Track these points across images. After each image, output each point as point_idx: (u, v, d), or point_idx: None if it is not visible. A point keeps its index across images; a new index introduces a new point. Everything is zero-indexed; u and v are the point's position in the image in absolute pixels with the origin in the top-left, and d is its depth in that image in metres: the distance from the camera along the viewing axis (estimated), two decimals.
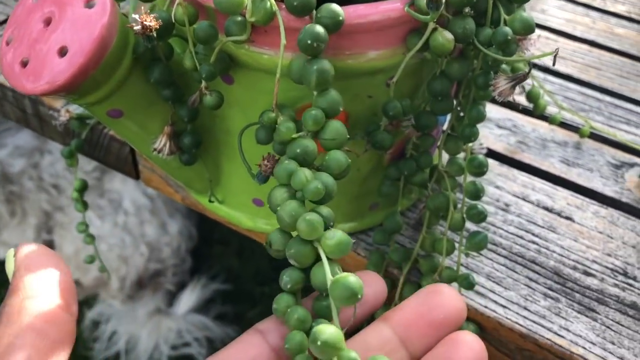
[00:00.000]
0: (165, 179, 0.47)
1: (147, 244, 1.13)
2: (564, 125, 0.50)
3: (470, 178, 0.37)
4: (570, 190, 0.45)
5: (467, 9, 0.31)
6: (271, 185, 0.31)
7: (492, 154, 0.48)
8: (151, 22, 0.27)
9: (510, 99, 0.32)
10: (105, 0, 0.29)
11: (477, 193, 0.36)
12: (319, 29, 0.28)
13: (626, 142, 0.48)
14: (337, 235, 0.25)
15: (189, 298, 1.13)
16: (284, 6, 0.29)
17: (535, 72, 0.53)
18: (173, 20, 0.30)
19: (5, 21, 0.56)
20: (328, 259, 0.25)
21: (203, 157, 0.37)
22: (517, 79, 0.31)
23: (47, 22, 0.30)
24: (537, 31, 0.60)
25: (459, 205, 0.37)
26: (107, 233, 1.07)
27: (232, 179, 0.39)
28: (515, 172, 0.46)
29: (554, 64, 0.28)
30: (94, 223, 1.04)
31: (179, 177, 0.39)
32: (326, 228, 0.26)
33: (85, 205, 0.51)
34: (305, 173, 0.27)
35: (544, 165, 0.47)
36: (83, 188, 0.50)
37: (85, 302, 1.15)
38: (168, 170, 0.38)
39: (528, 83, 0.49)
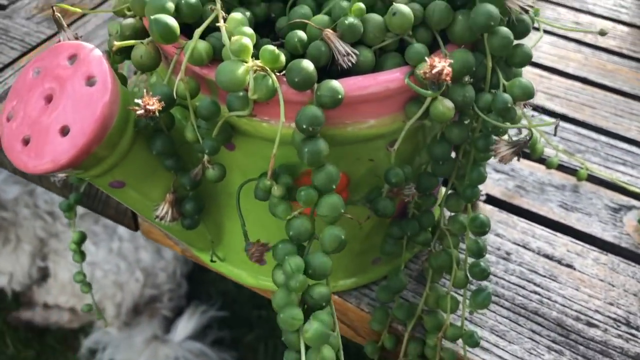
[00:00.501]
0: (165, 232, 0.47)
1: (142, 269, 1.12)
2: (561, 167, 0.51)
3: (472, 235, 0.37)
4: (570, 236, 0.46)
5: (466, 77, 0.31)
6: (271, 236, 0.32)
7: (490, 199, 0.48)
8: (154, 105, 0.27)
9: None
10: (106, 77, 0.29)
11: (480, 252, 0.36)
12: (316, 111, 0.28)
13: (623, 184, 0.48)
14: (313, 327, 0.28)
15: (185, 325, 1.13)
16: (285, 79, 0.29)
17: (531, 113, 0.53)
18: (175, 96, 0.30)
19: (1, 70, 0.56)
20: (308, 347, 0.28)
21: (205, 218, 0.37)
22: (518, 145, 0.31)
23: (48, 99, 0.30)
24: (530, 69, 0.60)
25: (462, 260, 0.38)
26: (102, 259, 1.07)
27: (234, 238, 0.39)
28: (515, 219, 0.46)
29: (555, 134, 0.28)
30: (89, 249, 1.04)
31: (180, 237, 0.39)
32: (320, 308, 0.29)
33: (83, 256, 0.51)
34: (291, 264, 0.29)
35: (543, 211, 0.47)
36: (81, 240, 0.50)
37: (82, 329, 1.15)
38: (169, 231, 0.38)
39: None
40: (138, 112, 0.27)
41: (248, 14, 0.31)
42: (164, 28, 0.29)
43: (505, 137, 0.34)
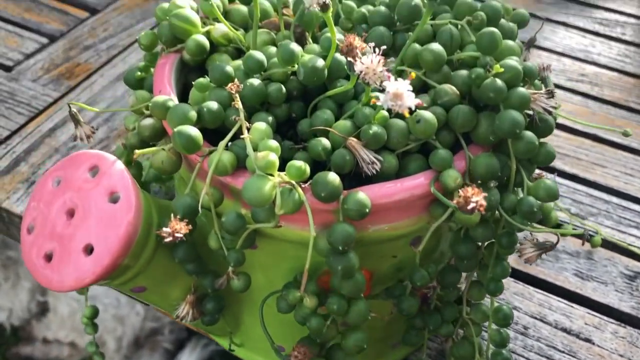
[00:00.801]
0: None
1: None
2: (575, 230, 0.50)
3: (495, 324, 0.37)
4: (587, 307, 0.45)
5: (492, 182, 0.31)
6: (291, 332, 0.32)
7: None
8: (181, 230, 0.26)
9: None
10: (129, 194, 0.29)
11: (503, 342, 0.36)
12: (348, 229, 0.28)
13: (637, 249, 0.48)
14: None
15: (187, 358, 1.12)
16: (309, 188, 0.29)
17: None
18: (199, 209, 0.29)
19: (9, 137, 0.55)
20: None
21: (224, 312, 0.37)
22: (545, 248, 0.31)
23: (70, 213, 0.29)
24: None
25: (484, 345, 0.37)
26: (102, 293, 1.06)
27: (252, 328, 0.39)
28: (531, 290, 0.46)
29: (583, 243, 0.28)
30: None
31: (199, 327, 0.38)
32: None
33: (95, 328, 0.50)
34: None
35: (559, 280, 0.47)
36: (94, 315, 0.49)
37: None
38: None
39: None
40: (166, 240, 0.26)
41: (270, 118, 0.31)
42: (187, 140, 0.29)
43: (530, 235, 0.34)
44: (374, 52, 0.26)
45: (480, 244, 0.35)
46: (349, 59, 0.26)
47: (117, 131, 0.57)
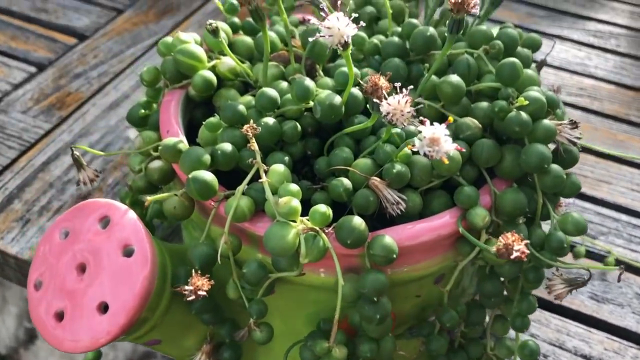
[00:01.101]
0: None
1: None
2: (586, 252, 0.50)
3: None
4: (605, 331, 0.44)
5: (520, 219, 0.30)
6: None
7: None
8: (203, 286, 0.25)
9: None
10: (144, 247, 0.27)
11: None
12: (381, 278, 0.26)
13: None
14: None
15: None
16: (333, 233, 0.28)
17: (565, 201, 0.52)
18: (218, 259, 0.28)
19: (0, 173, 0.53)
20: None
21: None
22: (575, 284, 0.30)
23: (81, 267, 0.28)
24: None
25: None
26: None
27: None
28: (547, 315, 0.45)
29: (619, 281, 0.27)
30: None
31: None
32: None
33: None
34: None
35: (575, 304, 0.46)
36: (97, 358, 0.47)
37: None
38: None
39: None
40: (189, 299, 0.25)
41: (287, 158, 0.30)
42: (202, 186, 0.28)
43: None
44: (400, 91, 0.25)
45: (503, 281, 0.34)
46: (375, 99, 0.25)
47: (112, 163, 0.55)
